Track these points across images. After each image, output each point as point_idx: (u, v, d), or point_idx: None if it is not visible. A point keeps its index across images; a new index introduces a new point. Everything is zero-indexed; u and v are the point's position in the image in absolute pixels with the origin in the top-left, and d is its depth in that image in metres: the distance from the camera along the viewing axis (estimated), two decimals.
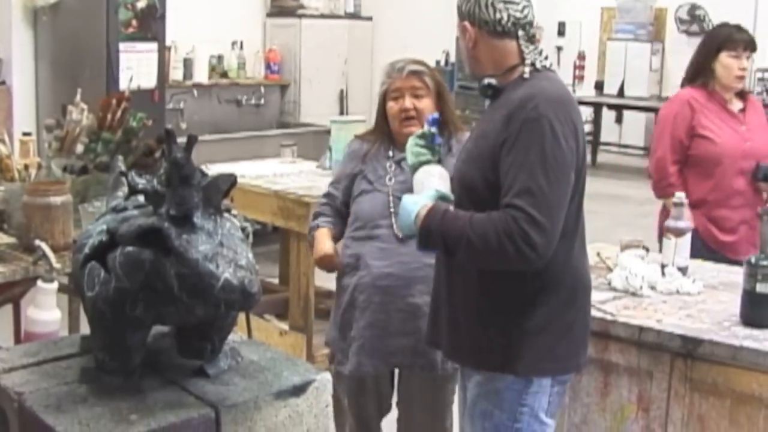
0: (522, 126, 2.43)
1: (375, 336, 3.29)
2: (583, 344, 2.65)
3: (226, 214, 1.78)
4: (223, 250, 1.66)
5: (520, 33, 2.61)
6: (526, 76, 2.58)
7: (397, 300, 3.27)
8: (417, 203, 2.53)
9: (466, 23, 2.64)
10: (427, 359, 3.27)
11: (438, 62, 11.38)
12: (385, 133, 3.45)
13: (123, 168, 2.06)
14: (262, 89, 9.37)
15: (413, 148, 2.73)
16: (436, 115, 2.84)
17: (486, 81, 2.63)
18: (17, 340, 3.95)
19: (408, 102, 3.34)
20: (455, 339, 2.65)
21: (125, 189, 1.96)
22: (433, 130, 2.71)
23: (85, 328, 3.29)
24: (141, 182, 1.75)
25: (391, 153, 3.43)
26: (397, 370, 3.49)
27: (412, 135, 2.78)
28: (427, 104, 3.35)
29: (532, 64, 2.60)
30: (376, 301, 3.29)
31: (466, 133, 3.36)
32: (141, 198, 1.85)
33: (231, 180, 1.73)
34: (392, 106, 3.38)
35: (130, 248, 1.70)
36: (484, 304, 2.56)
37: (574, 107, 2.55)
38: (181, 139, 1.71)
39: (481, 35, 2.62)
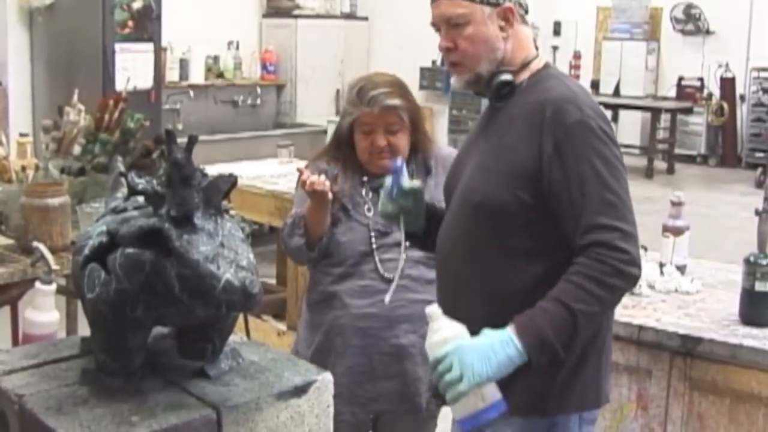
0: (568, 133, 2.14)
1: (354, 382, 2.93)
2: (608, 372, 2.35)
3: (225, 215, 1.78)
4: (224, 250, 1.66)
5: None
6: (541, 68, 2.30)
7: (380, 342, 2.93)
8: (502, 340, 2.04)
9: (510, 4, 2.24)
10: (411, 402, 2.97)
11: (434, 62, 11.40)
12: (351, 159, 3.04)
13: (122, 169, 2.05)
14: (259, 89, 9.39)
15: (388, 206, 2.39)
16: (399, 162, 2.44)
17: (503, 77, 2.26)
18: (15, 342, 3.94)
19: (381, 140, 2.95)
20: None
21: (124, 190, 1.95)
22: (410, 185, 2.38)
23: (82, 330, 3.29)
24: (141, 183, 1.74)
25: (365, 178, 3.04)
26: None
27: (382, 195, 2.42)
28: (401, 139, 2.97)
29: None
30: (355, 344, 2.94)
31: (444, 149, 3.17)
32: (140, 199, 1.84)
33: (231, 180, 1.73)
34: (361, 139, 2.98)
35: (130, 249, 1.70)
36: None
37: None
38: (179, 140, 1.71)
39: (516, 20, 2.27)
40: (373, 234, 2.97)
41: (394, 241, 2.96)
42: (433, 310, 2.12)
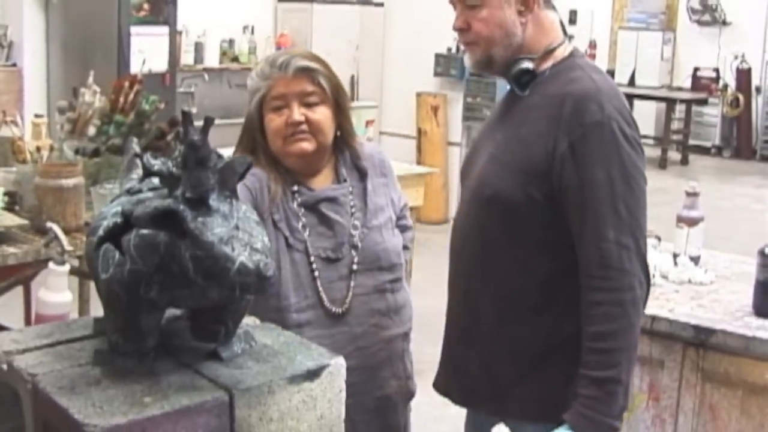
0: (585, 133, 2.03)
1: None
2: None
3: None
4: (239, 233, 1.65)
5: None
6: (567, 56, 2.17)
7: (364, 400, 2.39)
8: None
9: None
10: None
11: (449, 49, 11.36)
12: (269, 159, 2.43)
13: (138, 150, 2.05)
14: None
15: None
16: None
17: (523, 65, 2.15)
18: (27, 322, 3.96)
19: (297, 113, 2.37)
20: (493, 386, 2.25)
21: (139, 171, 1.95)
22: None
23: (94, 311, 3.30)
24: (156, 164, 1.73)
25: (295, 188, 2.44)
26: None
27: None
28: (323, 114, 2.40)
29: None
30: None
31: (366, 147, 2.60)
32: (155, 180, 1.84)
33: (247, 163, 1.72)
34: (273, 119, 2.39)
35: (145, 231, 1.69)
36: (534, 351, 2.19)
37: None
38: (195, 123, 1.70)
39: (538, 4, 2.15)
40: (313, 260, 2.40)
41: (346, 269, 2.44)
42: (503, 430, 2.08)
